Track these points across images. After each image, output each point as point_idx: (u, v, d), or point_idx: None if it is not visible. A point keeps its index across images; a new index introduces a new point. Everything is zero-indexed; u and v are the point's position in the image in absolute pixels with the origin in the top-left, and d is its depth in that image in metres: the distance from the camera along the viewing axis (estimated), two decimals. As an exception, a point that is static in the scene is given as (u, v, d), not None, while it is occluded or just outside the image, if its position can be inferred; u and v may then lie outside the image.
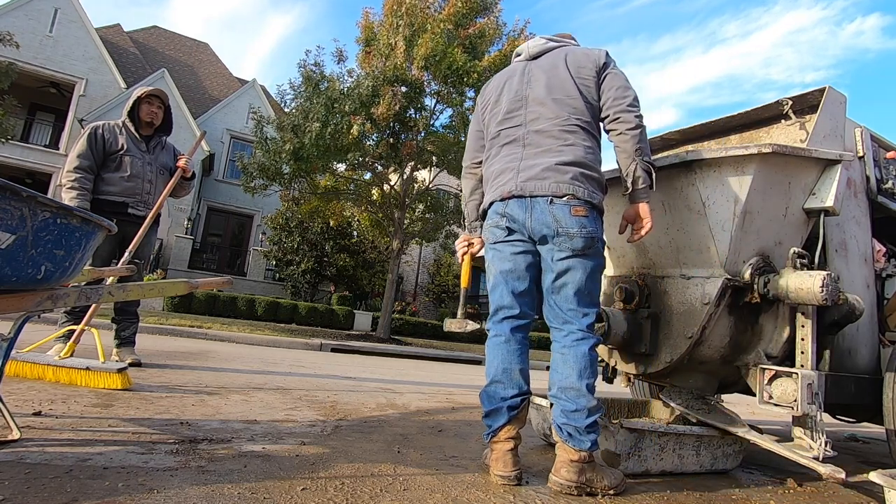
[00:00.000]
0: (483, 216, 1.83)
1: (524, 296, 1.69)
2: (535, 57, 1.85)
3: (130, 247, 2.83)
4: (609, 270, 2.34)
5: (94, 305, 2.64)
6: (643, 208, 1.68)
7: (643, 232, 1.69)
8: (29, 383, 2.24)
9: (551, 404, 1.62)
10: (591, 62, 1.71)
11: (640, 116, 1.66)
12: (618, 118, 1.66)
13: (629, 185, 1.68)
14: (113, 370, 2.31)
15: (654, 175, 1.68)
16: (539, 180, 1.61)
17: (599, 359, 2.29)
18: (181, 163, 3.22)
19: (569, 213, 1.56)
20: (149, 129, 3.14)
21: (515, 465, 1.56)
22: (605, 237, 1.73)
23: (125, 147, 3.00)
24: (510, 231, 1.67)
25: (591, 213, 1.60)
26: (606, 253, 2.26)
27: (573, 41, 1.92)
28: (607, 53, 1.75)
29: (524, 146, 1.70)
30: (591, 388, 1.55)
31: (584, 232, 1.56)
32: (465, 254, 1.96)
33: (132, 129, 3.07)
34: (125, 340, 3.19)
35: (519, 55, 1.93)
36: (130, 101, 3.06)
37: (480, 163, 1.91)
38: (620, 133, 1.66)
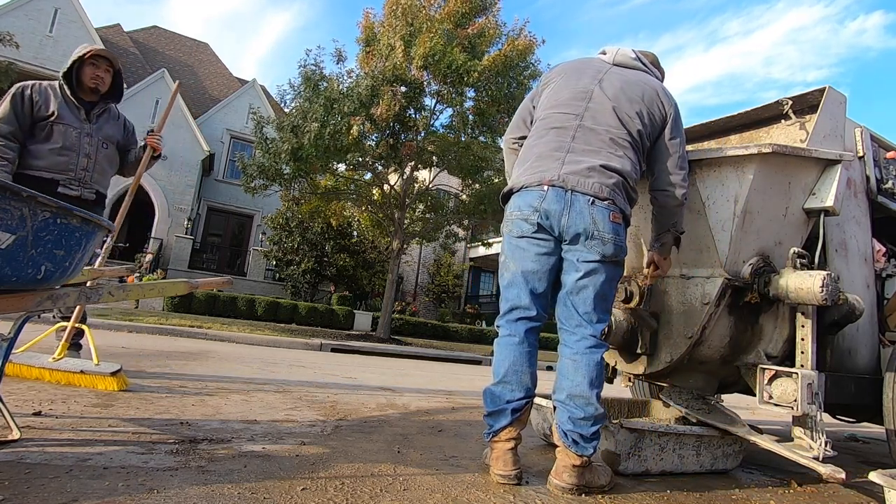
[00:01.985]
0: (506, 198, 1.76)
1: (542, 298, 1.66)
2: (617, 65, 1.84)
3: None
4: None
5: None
6: (665, 261, 1.85)
7: (657, 274, 1.89)
8: (29, 383, 2.24)
9: (554, 407, 1.61)
10: (663, 106, 1.74)
11: (686, 193, 1.73)
12: (668, 191, 1.72)
13: (658, 245, 1.82)
14: (107, 373, 2.29)
15: (679, 241, 1.85)
16: (583, 177, 1.57)
17: None
18: (152, 141, 2.77)
19: (608, 217, 1.55)
20: (92, 96, 2.60)
21: (515, 465, 1.56)
22: None
23: (56, 114, 2.46)
24: (540, 228, 1.62)
25: (623, 222, 1.61)
26: None
27: (655, 68, 1.92)
28: (677, 107, 1.77)
29: (573, 139, 1.66)
30: (598, 397, 1.55)
31: (617, 239, 1.57)
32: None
33: (68, 92, 2.52)
34: (73, 344, 2.75)
35: (604, 53, 1.91)
36: (70, 60, 2.52)
37: (523, 138, 1.87)
38: (664, 205, 1.75)
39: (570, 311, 1.61)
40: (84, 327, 2.57)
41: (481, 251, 17.75)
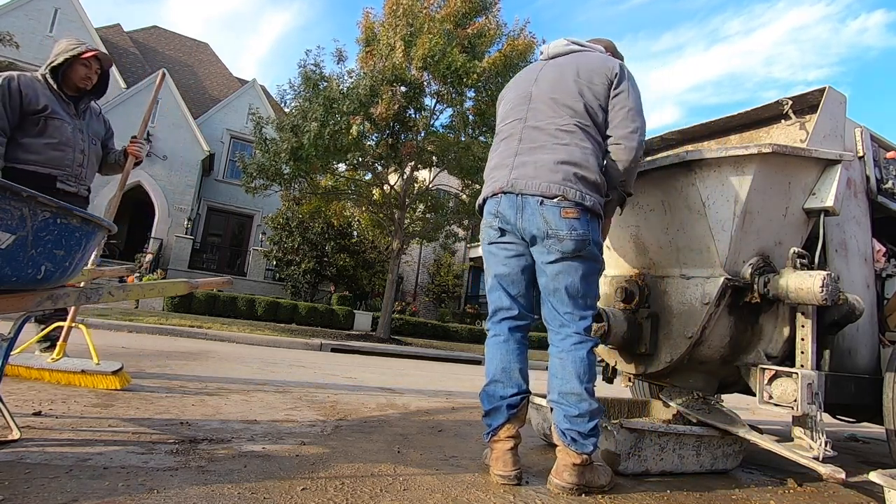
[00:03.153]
0: (481, 212, 1.82)
1: (521, 297, 1.71)
2: (553, 57, 1.84)
3: None
4: (609, 270, 2.34)
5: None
6: (606, 224, 1.78)
7: None
8: (29, 383, 2.24)
9: (552, 408, 1.62)
10: (603, 71, 1.68)
11: (636, 149, 1.66)
12: (618, 144, 1.67)
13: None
14: (108, 372, 2.28)
15: (625, 202, 1.79)
16: (530, 178, 1.59)
17: (599, 359, 2.29)
18: (133, 150, 2.75)
19: (558, 214, 1.54)
20: (75, 92, 2.53)
21: (515, 465, 1.56)
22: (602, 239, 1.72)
23: (49, 108, 2.37)
24: (503, 232, 1.67)
25: (583, 215, 1.56)
26: (607, 253, 2.26)
27: (603, 49, 1.86)
28: (622, 66, 1.71)
29: (520, 141, 1.69)
30: (591, 392, 1.55)
31: (574, 234, 1.54)
32: None
33: (54, 86, 2.43)
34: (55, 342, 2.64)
35: (542, 54, 1.92)
36: (61, 56, 2.41)
37: None
38: (614, 160, 1.69)
39: (551, 311, 1.63)
40: (81, 326, 2.55)
41: (481, 251, 17.73)
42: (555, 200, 1.55)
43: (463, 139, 10.00)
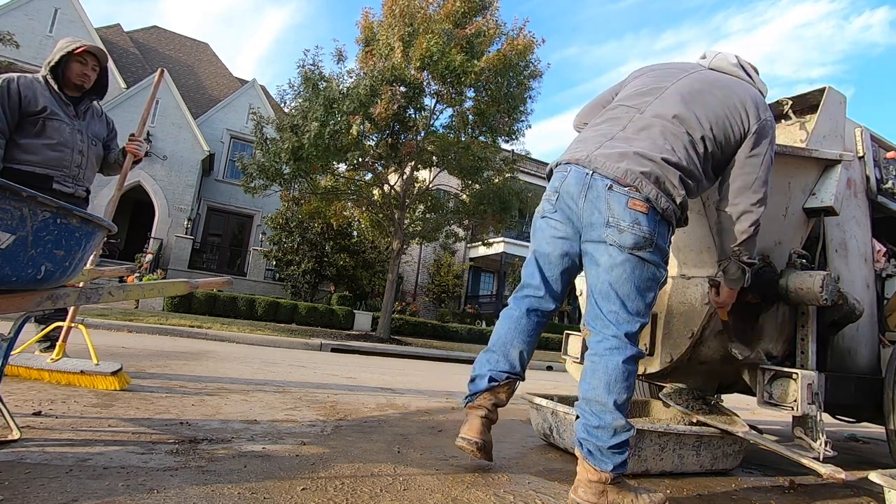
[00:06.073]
0: (549, 178, 1.70)
1: (553, 281, 1.64)
2: (713, 69, 1.70)
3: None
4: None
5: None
6: (726, 294, 1.69)
7: (715, 305, 1.76)
8: (29, 383, 2.24)
9: (576, 416, 1.48)
10: (744, 122, 1.55)
11: (755, 220, 1.55)
12: (736, 213, 1.57)
13: (720, 272, 1.67)
14: (107, 373, 2.28)
15: (747, 274, 1.64)
16: (611, 161, 1.46)
17: None
18: (132, 148, 2.75)
19: (624, 204, 1.41)
20: (75, 91, 2.53)
21: (478, 434, 1.59)
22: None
23: (48, 109, 2.37)
24: (557, 210, 1.57)
25: (651, 213, 1.42)
26: None
27: (760, 91, 1.68)
28: (765, 125, 1.55)
29: (623, 129, 1.55)
30: (620, 405, 1.38)
31: (635, 228, 1.39)
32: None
33: (55, 87, 2.44)
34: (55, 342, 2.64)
35: (703, 57, 1.78)
36: (57, 55, 2.43)
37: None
38: (733, 228, 1.59)
39: (594, 310, 1.47)
40: (80, 327, 2.55)
41: (481, 251, 17.74)
42: (625, 189, 1.42)
43: (463, 139, 10.01)
